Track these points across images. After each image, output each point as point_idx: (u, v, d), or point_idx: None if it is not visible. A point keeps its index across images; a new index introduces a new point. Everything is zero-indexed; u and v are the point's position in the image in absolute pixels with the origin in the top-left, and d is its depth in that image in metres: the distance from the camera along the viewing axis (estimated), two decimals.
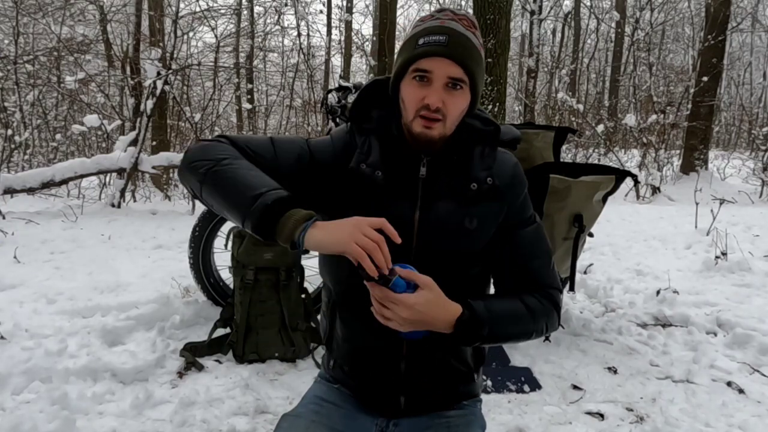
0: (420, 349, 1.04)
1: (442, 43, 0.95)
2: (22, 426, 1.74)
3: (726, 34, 9.41)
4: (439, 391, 1.10)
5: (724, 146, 17.33)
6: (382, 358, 1.07)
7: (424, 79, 0.96)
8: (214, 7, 10.05)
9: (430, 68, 0.96)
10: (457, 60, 0.95)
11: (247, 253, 2.39)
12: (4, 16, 8.94)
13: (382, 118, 1.06)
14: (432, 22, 0.99)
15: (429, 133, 0.97)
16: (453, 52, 0.95)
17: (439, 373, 1.08)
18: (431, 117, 0.96)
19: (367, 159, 1.03)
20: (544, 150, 2.48)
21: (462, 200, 1.02)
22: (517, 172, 1.08)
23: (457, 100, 0.98)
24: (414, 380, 1.07)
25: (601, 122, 9.92)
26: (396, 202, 1.02)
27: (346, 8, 15.06)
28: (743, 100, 18.46)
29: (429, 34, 0.97)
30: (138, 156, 5.60)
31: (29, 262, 3.58)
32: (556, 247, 2.34)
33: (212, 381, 2.18)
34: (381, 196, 1.02)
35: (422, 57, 0.96)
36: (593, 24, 16.73)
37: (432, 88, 0.96)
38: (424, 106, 0.96)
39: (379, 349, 1.06)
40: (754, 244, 4.25)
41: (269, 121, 14.05)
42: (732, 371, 2.31)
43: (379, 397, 1.10)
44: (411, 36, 1.00)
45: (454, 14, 1.00)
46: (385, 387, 1.08)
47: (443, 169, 1.04)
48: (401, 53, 1.01)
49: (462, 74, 0.96)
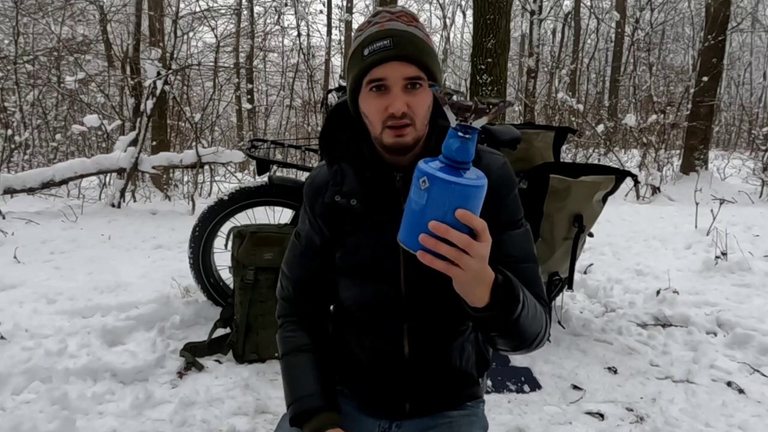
0: (426, 360, 1.05)
1: (388, 47, 0.90)
2: (22, 426, 1.74)
3: (726, 34, 9.40)
4: (444, 395, 1.10)
5: (724, 146, 17.33)
6: (384, 374, 1.07)
7: (381, 88, 0.92)
8: (214, 7, 10.05)
9: (384, 75, 0.91)
10: (408, 59, 0.91)
11: (247, 253, 2.39)
12: (4, 16, 8.93)
13: (350, 141, 1.03)
14: (372, 29, 0.94)
15: (402, 141, 0.93)
16: (401, 52, 0.90)
17: (445, 381, 1.09)
18: (399, 124, 0.92)
19: (342, 189, 1.01)
20: (544, 150, 2.49)
21: None
22: (505, 171, 1.02)
23: (420, 99, 0.93)
24: (419, 388, 1.08)
25: (601, 122, 9.91)
26: (379, 228, 0.99)
27: (346, 8, 15.07)
28: (743, 100, 18.47)
29: (372, 41, 0.91)
30: (138, 156, 5.60)
31: (29, 262, 3.58)
32: (556, 247, 2.35)
33: (212, 381, 2.18)
34: (361, 225, 1.01)
35: (372, 67, 0.91)
36: (593, 24, 16.73)
37: (392, 95, 0.91)
38: (389, 116, 0.92)
39: (382, 366, 1.07)
40: (754, 244, 4.25)
41: (269, 121, 14.06)
42: (732, 371, 2.31)
43: (384, 404, 1.10)
44: (355, 48, 0.95)
45: (391, 14, 0.95)
46: (390, 395, 1.09)
47: None
48: (350, 69, 0.96)
49: (417, 71, 0.92)
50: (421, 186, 0.72)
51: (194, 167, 5.93)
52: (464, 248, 0.72)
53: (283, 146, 3.31)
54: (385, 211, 0.99)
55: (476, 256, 0.74)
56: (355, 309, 1.07)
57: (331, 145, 1.05)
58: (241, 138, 11.69)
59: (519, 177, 2.21)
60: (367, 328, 1.07)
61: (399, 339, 1.04)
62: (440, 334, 1.06)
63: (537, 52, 12.34)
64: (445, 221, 0.71)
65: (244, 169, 9.58)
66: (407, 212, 0.75)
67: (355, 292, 1.06)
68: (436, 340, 1.06)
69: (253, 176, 8.68)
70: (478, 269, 0.75)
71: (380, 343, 1.06)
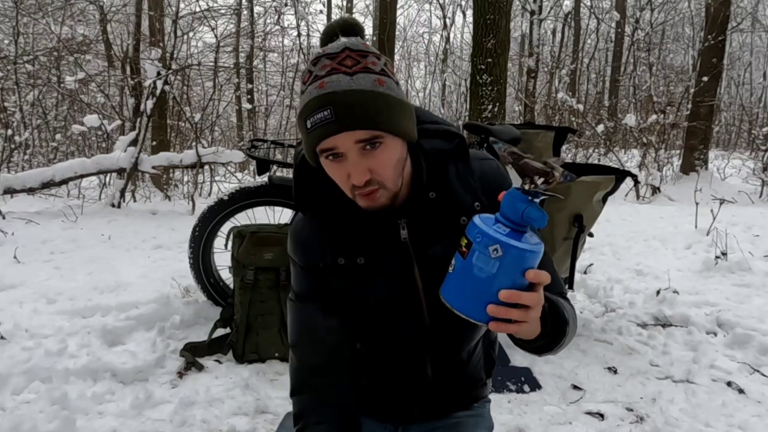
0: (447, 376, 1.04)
1: (329, 118, 0.78)
2: (22, 426, 1.74)
3: (726, 34, 9.40)
4: (454, 399, 1.10)
5: (724, 146, 17.33)
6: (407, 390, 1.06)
7: (337, 155, 0.82)
8: (214, 7, 10.04)
9: (333, 146, 0.81)
10: (354, 127, 0.79)
11: (247, 253, 2.39)
12: (4, 16, 8.93)
13: (333, 191, 0.91)
14: (311, 91, 0.81)
15: (375, 204, 0.86)
16: (345, 123, 0.78)
17: (458, 387, 1.08)
18: (366, 192, 0.84)
19: (341, 250, 0.95)
20: (544, 150, 2.49)
21: (456, 236, 0.85)
22: (500, 173, 0.98)
23: (382, 158, 0.83)
24: (431, 399, 1.07)
25: (601, 122, 9.91)
26: (390, 274, 0.95)
27: (346, 8, 15.06)
28: (743, 100, 18.46)
29: (312, 111, 0.80)
30: (138, 156, 5.60)
31: (29, 262, 3.58)
32: (556, 247, 2.35)
33: (212, 381, 2.18)
34: (371, 278, 0.95)
35: (319, 141, 0.81)
36: (593, 24, 16.73)
37: (349, 163, 0.82)
38: (352, 186, 0.84)
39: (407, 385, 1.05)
40: (754, 244, 4.24)
41: (269, 121, 14.06)
42: (732, 371, 2.31)
43: (391, 411, 1.09)
44: (299, 113, 0.84)
45: (331, 59, 0.81)
46: (400, 404, 1.08)
47: (423, 216, 0.94)
48: (301, 134, 0.86)
49: (369, 134, 0.80)
50: (491, 255, 0.68)
51: (194, 167, 5.93)
52: (533, 306, 0.71)
53: (283, 146, 3.31)
54: (394, 256, 0.94)
55: (538, 307, 0.72)
56: (374, 345, 1.04)
57: (310, 198, 0.96)
58: (241, 138, 11.70)
59: None
60: (387, 360, 1.05)
61: (422, 366, 1.03)
62: (462, 353, 1.05)
63: (537, 52, 12.34)
64: (515, 286, 0.69)
65: (244, 169, 9.59)
66: (467, 278, 0.70)
67: (373, 332, 1.02)
68: (457, 360, 1.05)
69: (253, 176, 8.68)
70: (538, 316, 0.74)
71: (401, 371, 1.04)
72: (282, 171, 6.94)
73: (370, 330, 1.02)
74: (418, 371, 1.03)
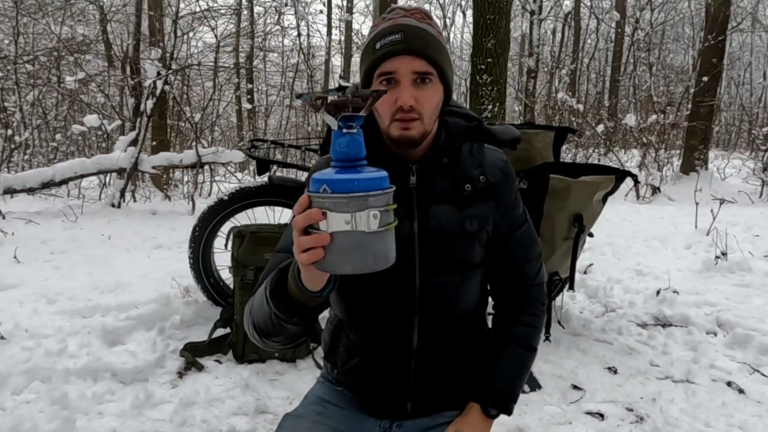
0: (433, 354, 1.05)
1: (399, 41, 0.92)
2: (22, 426, 1.74)
3: (726, 34, 9.40)
4: (447, 393, 1.10)
5: (724, 146, 17.34)
6: (390, 372, 1.06)
7: (391, 81, 0.94)
8: (214, 7, 10.05)
9: (394, 68, 0.93)
10: (417, 53, 0.93)
11: (247, 253, 2.39)
12: (4, 16, 8.93)
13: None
14: (385, 24, 0.96)
15: (408, 134, 0.95)
16: (411, 46, 0.92)
17: (449, 378, 1.09)
18: (407, 118, 0.94)
19: None
20: (544, 150, 2.48)
21: (458, 203, 1.01)
22: (506, 168, 1.08)
23: (429, 94, 0.95)
24: (422, 389, 1.07)
25: (601, 122, 9.91)
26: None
27: (346, 8, 15.08)
28: (743, 100, 18.46)
29: (384, 35, 0.94)
30: (138, 156, 5.60)
31: (29, 262, 3.58)
32: (556, 247, 2.35)
33: (212, 381, 2.18)
34: None
35: (383, 60, 0.93)
36: (593, 24, 16.73)
37: (401, 88, 0.93)
38: (397, 109, 0.94)
39: (388, 364, 1.06)
40: (754, 244, 4.25)
41: (269, 121, 14.06)
42: (732, 371, 2.31)
43: (385, 404, 1.10)
44: (368, 43, 0.97)
45: (405, 11, 0.98)
46: (392, 396, 1.08)
47: (434, 173, 1.02)
48: (362, 62, 0.99)
49: (427, 66, 0.94)
50: (323, 195, 0.70)
51: (194, 167, 5.93)
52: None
53: (283, 146, 3.31)
54: (399, 203, 0.98)
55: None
56: (364, 303, 1.05)
57: None
58: (241, 138, 11.69)
59: (519, 177, 2.21)
60: (375, 321, 1.05)
61: (409, 332, 1.03)
62: (449, 327, 1.06)
63: (537, 52, 12.35)
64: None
65: (244, 169, 9.59)
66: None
67: (365, 286, 1.02)
68: (444, 334, 1.05)
69: (253, 176, 8.68)
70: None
71: (388, 336, 1.04)
72: (282, 171, 6.95)
73: (359, 287, 1.00)
74: (404, 339, 1.03)
